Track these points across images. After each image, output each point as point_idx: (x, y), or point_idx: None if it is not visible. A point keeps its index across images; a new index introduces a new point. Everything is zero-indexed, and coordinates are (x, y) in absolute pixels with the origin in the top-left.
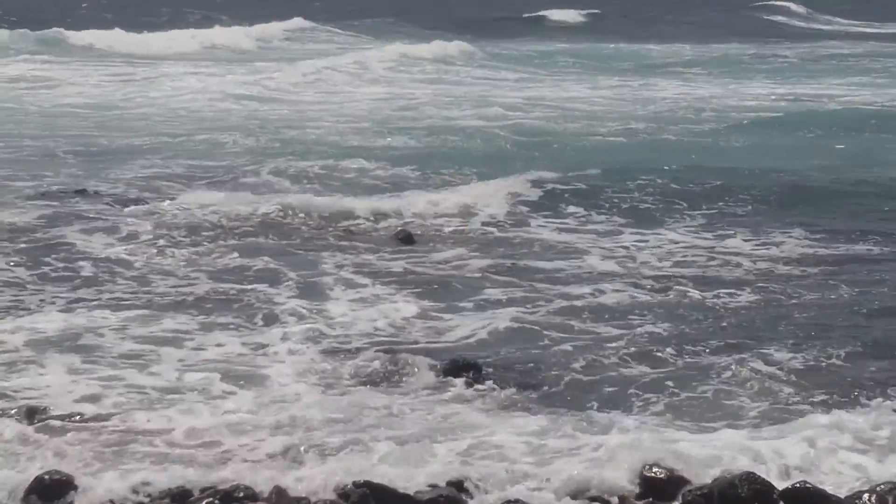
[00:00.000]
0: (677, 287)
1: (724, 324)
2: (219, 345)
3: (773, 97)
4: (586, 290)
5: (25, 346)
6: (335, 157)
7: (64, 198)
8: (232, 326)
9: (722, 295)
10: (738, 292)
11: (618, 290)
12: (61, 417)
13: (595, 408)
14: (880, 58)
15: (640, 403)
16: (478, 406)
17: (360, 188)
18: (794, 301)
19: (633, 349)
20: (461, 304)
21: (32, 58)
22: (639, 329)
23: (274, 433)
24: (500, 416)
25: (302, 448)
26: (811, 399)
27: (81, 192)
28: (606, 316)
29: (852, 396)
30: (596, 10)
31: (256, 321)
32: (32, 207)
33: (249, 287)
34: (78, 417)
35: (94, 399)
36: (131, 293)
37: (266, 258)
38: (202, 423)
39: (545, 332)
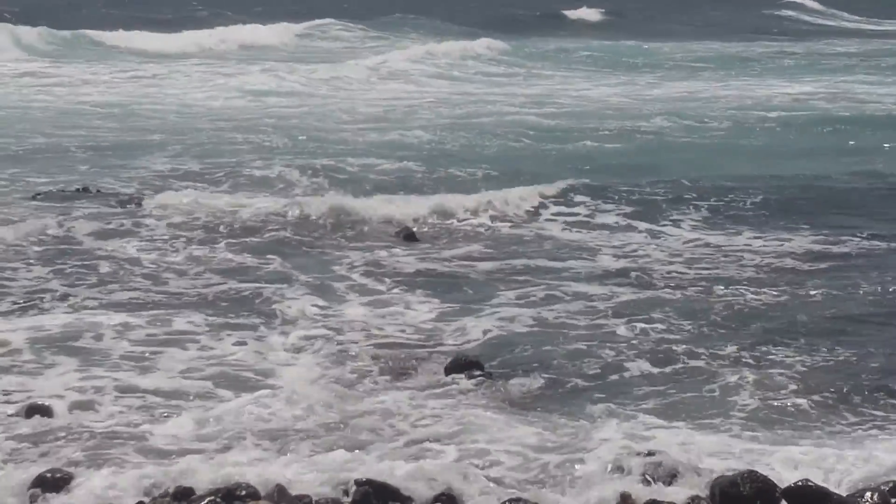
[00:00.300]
0: (688, 285)
1: (735, 323)
2: (224, 344)
3: (785, 96)
4: (598, 289)
5: (30, 345)
6: (348, 154)
7: (73, 197)
8: (237, 325)
9: (734, 293)
10: (750, 290)
11: (628, 289)
12: (64, 416)
13: (599, 407)
14: (887, 56)
15: (644, 402)
16: (481, 405)
17: (371, 186)
18: (806, 299)
19: (640, 349)
20: (470, 304)
21: (52, 56)
22: (648, 328)
23: (276, 432)
24: (503, 414)
25: (304, 446)
26: (816, 398)
27: (91, 191)
28: (616, 315)
29: (857, 395)
30: (614, 9)
31: (261, 320)
32: (43, 206)
33: (255, 286)
34: (82, 416)
35: (98, 397)
36: (142, 292)
37: (272, 256)
38: (204, 422)
39: (553, 331)
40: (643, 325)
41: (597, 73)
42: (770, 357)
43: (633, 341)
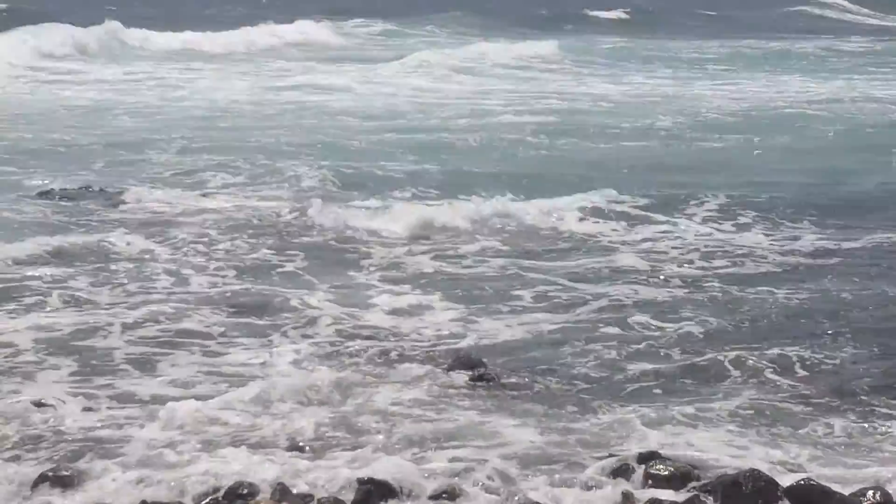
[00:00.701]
0: (699, 285)
1: (742, 322)
2: (231, 344)
3: (801, 93)
4: (608, 288)
5: (34, 345)
6: (365, 154)
7: (78, 196)
8: (244, 325)
9: (744, 292)
10: (761, 289)
11: (639, 287)
12: (67, 415)
13: (601, 406)
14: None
15: (647, 402)
16: (483, 404)
17: (386, 186)
18: (815, 298)
19: (645, 349)
20: (482, 303)
21: (75, 54)
22: (656, 328)
23: (278, 430)
24: (504, 413)
25: (305, 445)
26: (820, 397)
27: (95, 189)
28: (624, 314)
29: (861, 395)
30: (641, 7)
31: (269, 319)
32: (53, 204)
33: (263, 286)
34: (85, 416)
35: (102, 398)
36: (150, 293)
37: (284, 257)
38: (206, 421)
39: (559, 330)
40: (650, 325)
41: (617, 72)
42: (774, 356)
43: (639, 341)
